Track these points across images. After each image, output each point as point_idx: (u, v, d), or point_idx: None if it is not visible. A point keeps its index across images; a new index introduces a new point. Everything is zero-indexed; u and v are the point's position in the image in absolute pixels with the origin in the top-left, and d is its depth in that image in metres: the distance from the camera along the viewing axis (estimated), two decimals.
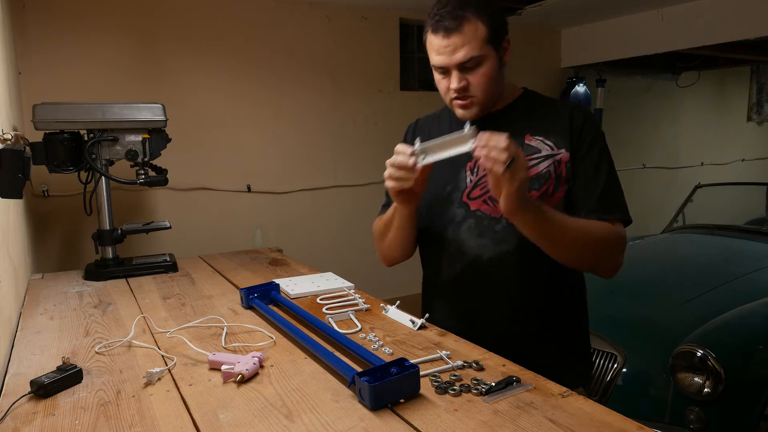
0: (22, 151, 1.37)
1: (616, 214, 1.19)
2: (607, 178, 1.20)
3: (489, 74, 1.19)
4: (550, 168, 1.19)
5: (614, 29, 4.19)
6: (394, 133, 3.76)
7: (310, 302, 1.51)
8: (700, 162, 5.91)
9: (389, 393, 0.91)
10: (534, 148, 1.21)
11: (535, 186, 1.19)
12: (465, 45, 1.15)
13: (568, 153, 1.20)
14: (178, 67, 3.07)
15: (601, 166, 1.20)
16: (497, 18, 1.19)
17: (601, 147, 1.21)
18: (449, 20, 1.15)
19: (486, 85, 1.20)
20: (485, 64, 1.18)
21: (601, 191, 1.18)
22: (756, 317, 2.25)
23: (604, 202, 1.18)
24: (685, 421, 2.01)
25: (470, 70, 1.18)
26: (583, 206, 1.19)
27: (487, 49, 1.17)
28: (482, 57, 1.17)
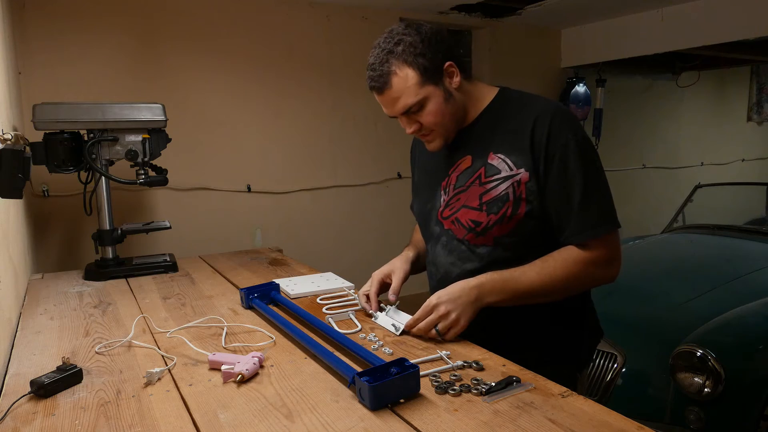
0: (22, 151, 1.37)
1: (597, 230, 1.15)
2: (582, 192, 1.14)
3: (435, 110, 1.19)
4: (508, 190, 1.17)
5: (614, 29, 4.19)
6: (394, 133, 3.77)
7: (310, 302, 1.51)
8: (700, 162, 5.90)
9: (389, 393, 0.91)
10: (495, 168, 1.20)
11: (494, 210, 1.18)
12: (400, 97, 1.18)
13: (528, 173, 1.16)
14: (178, 67, 3.07)
15: (572, 181, 1.14)
16: (429, 53, 1.16)
17: (573, 156, 1.14)
18: (376, 81, 1.19)
19: (437, 120, 1.21)
20: (428, 105, 1.19)
21: (577, 210, 1.14)
22: (756, 317, 2.25)
23: (581, 223, 1.14)
24: (685, 421, 2.01)
25: (416, 113, 1.20)
26: (561, 231, 1.18)
27: (425, 90, 1.17)
28: (422, 100, 1.18)
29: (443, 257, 1.30)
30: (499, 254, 1.21)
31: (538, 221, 1.18)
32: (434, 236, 1.33)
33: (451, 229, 1.27)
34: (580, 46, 4.48)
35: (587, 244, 1.15)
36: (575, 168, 1.14)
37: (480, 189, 1.21)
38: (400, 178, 3.86)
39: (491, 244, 1.21)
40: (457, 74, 1.20)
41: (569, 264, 1.16)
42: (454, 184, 1.27)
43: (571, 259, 1.16)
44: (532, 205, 1.17)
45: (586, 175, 1.15)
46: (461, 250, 1.26)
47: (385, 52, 1.17)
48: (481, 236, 1.21)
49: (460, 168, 1.27)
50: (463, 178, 1.25)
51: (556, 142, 1.15)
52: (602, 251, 1.16)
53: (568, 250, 1.17)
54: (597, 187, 1.16)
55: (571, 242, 1.16)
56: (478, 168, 1.23)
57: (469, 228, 1.22)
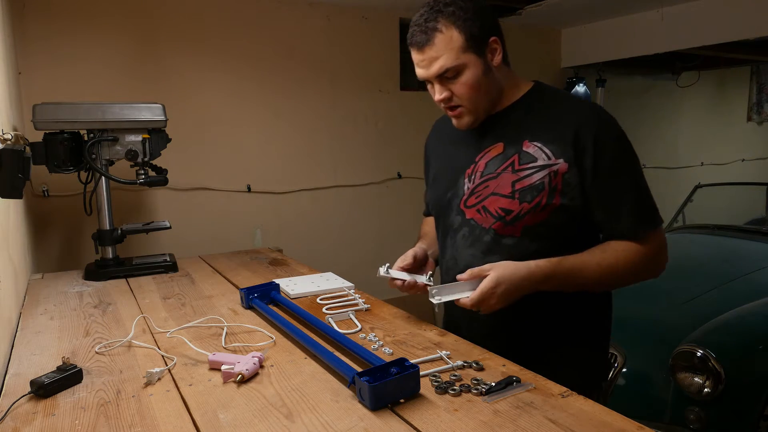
0: (22, 151, 1.37)
1: (651, 224, 1.16)
2: (635, 188, 1.15)
3: (471, 82, 1.15)
4: (544, 179, 1.14)
5: (614, 29, 4.19)
6: (394, 133, 3.77)
7: (310, 302, 1.51)
8: (700, 162, 5.90)
9: (389, 393, 0.91)
10: (530, 156, 1.16)
11: (527, 198, 1.15)
12: (439, 57, 1.13)
13: (567, 164, 1.13)
14: (178, 67, 3.07)
15: (621, 176, 1.15)
16: (478, 21, 1.13)
17: (621, 152, 1.15)
18: (420, 34, 1.14)
19: (470, 93, 1.16)
20: (465, 73, 1.14)
21: (632, 205, 1.15)
22: (756, 317, 2.25)
23: (633, 223, 1.15)
24: (685, 421, 2.01)
25: (451, 80, 1.16)
26: (609, 230, 1.17)
27: (466, 56, 1.13)
28: (460, 66, 1.14)
29: (464, 249, 1.24)
30: (526, 246, 1.17)
31: (569, 215, 1.15)
32: (453, 228, 1.27)
33: (475, 219, 1.22)
34: (580, 46, 4.48)
35: (644, 238, 1.15)
36: (627, 164, 1.15)
37: (513, 176, 1.16)
38: (400, 178, 3.85)
39: (518, 235, 1.17)
40: (499, 51, 1.17)
41: (630, 254, 1.15)
42: (482, 171, 1.21)
43: (633, 251, 1.15)
44: (567, 198, 1.14)
45: (636, 173, 1.17)
46: (485, 241, 1.20)
47: (434, 10, 1.13)
48: (510, 226, 1.17)
49: (489, 154, 1.22)
50: (492, 164, 1.20)
51: (608, 138, 1.14)
52: (655, 244, 1.16)
53: (624, 243, 1.15)
54: (644, 185, 1.17)
55: (626, 237, 1.15)
56: (511, 155, 1.18)
57: (498, 216, 1.18)
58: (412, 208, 3.82)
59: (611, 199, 1.14)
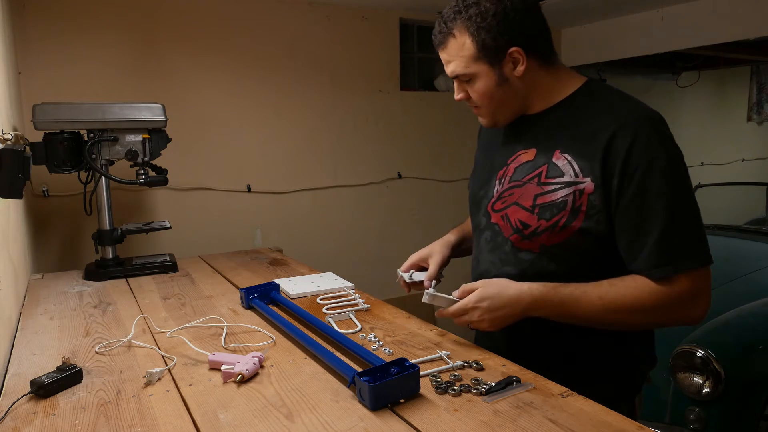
0: (22, 151, 1.37)
1: (680, 264, 0.99)
2: (667, 217, 0.98)
3: (483, 91, 1.10)
4: (568, 198, 1.04)
5: (614, 29, 4.19)
6: (394, 133, 3.77)
7: (310, 302, 1.51)
8: (700, 162, 5.90)
9: (389, 393, 0.91)
10: (558, 170, 1.06)
11: (546, 215, 1.06)
12: (451, 61, 1.11)
13: (593, 183, 1.02)
14: (178, 67, 3.06)
15: (651, 203, 0.99)
16: (495, 29, 1.04)
17: (657, 175, 0.98)
18: (438, 33, 1.12)
19: (482, 100, 1.12)
20: (478, 80, 1.09)
21: (657, 238, 0.98)
22: (756, 317, 2.25)
23: (661, 254, 0.99)
24: (685, 421, 2.01)
25: (466, 83, 1.13)
26: (633, 260, 1.02)
27: (477, 66, 1.08)
28: (471, 74, 1.09)
29: (485, 253, 1.21)
30: (544, 265, 1.09)
31: (592, 240, 1.05)
32: (479, 227, 1.23)
33: (498, 224, 1.16)
34: (580, 46, 4.48)
35: (667, 278, 1.00)
36: (662, 187, 0.98)
37: (537, 189, 1.09)
38: (400, 178, 3.85)
39: (537, 251, 1.10)
40: (523, 62, 1.07)
41: (642, 294, 1.00)
42: (511, 177, 1.15)
43: (647, 289, 1.00)
44: (591, 222, 1.03)
45: (675, 198, 0.99)
46: (504, 251, 1.15)
47: (456, 9, 1.08)
48: (527, 240, 1.10)
49: (520, 159, 1.15)
50: (521, 171, 1.13)
51: (642, 154, 0.99)
52: (685, 287, 1.00)
53: (639, 279, 1.02)
54: (686, 213, 1.00)
55: (648, 276, 1.01)
56: (540, 165, 1.10)
57: (516, 229, 1.11)
58: (412, 208, 3.82)
59: (634, 230, 1.01)
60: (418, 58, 3.92)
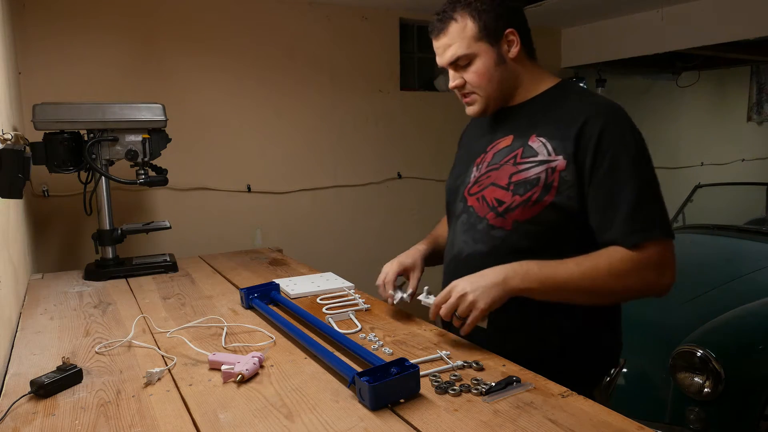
0: (22, 151, 1.37)
1: (645, 236, 1.07)
2: (637, 193, 1.07)
3: (482, 71, 1.19)
4: (540, 175, 1.13)
5: (614, 29, 4.19)
6: (394, 133, 3.77)
7: (310, 302, 1.51)
8: (700, 162, 5.90)
9: (389, 393, 0.91)
10: (533, 150, 1.16)
11: (520, 191, 1.14)
12: (452, 45, 1.19)
13: (565, 161, 1.11)
14: (178, 67, 3.07)
15: (621, 181, 1.08)
16: (494, 12, 1.17)
17: (626, 156, 1.09)
18: (437, 22, 1.21)
19: (480, 81, 1.20)
20: (477, 62, 1.18)
21: (629, 210, 1.07)
22: (756, 317, 2.25)
23: (632, 224, 1.07)
24: (685, 421, 2.01)
25: (464, 68, 1.20)
26: (605, 231, 1.10)
27: (478, 45, 1.17)
28: (472, 55, 1.18)
29: (460, 235, 1.27)
30: (515, 241, 1.16)
31: (563, 216, 1.13)
32: (455, 214, 1.30)
33: (474, 207, 1.24)
34: (580, 46, 4.48)
35: (638, 245, 1.07)
36: (631, 166, 1.08)
37: (512, 168, 1.17)
38: (400, 178, 3.85)
39: (509, 228, 1.16)
40: (517, 44, 1.19)
41: (615, 260, 1.07)
42: (489, 162, 1.24)
43: (618, 255, 1.07)
44: (562, 197, 1.12)
45: (643, 179, 1.09)
46: (477, 230, 1.22)
47: (454, 1, 1.19)
48: (501, 217, 1.17)
49: (498, 146, 1.24)
50: (499, 156, 1.22)
51: (614, 137, 1.10)
52: (654, 254, 1.07)
53: (614, 248, 1.09)
54: (652, 192, 1.10)
55: (617, 243, 1.08)
56: (516, 148, 1.19)
57: (492, 207, 1.19)
58: (412, 208, 3.83)
59: (607, 202, 1.09)
60: (418, 58, 3.92)
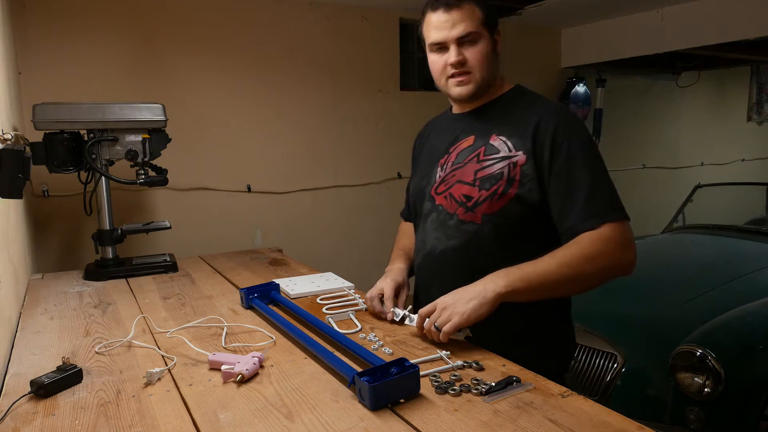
0: (22, 151, 1.37)
1: (604, 218, 1.14)
2: (592, 181, 1.16)
3: (485, 52, 1.25)
4: (503, 170, 1.21)
5: (614, 29, 4.19)
6: (394, 133, 3.77)
7: (310, 302, 1.51)
8: (700, 162, 5.90)
9: (389, 393, 0.91)
10: (494, 148, 1.25)
11: (486, 186, 1.22)
12: (464, 20, 1.23)
13: (525, 156, 1.20)
14: (178, 67, 3.07)
15: (577, 171, 1.17)
16: (491, 9, 1.27)
17: (579, 149, 1.18)
18: None
19: (482, 62, 1.25)
20: (481, 42, 1.25)
21: (586, 197, 1.15)
22: (756, 317, 2.24)
23: (587, 210, 1.15)
24: (685, 421, 2.01)
25: (467, 45, 1.25)
26: (564, 220, 1.18)
27: (483, 29, 1.25)
28: (479, 34, 1.24)
29: (431, 233, 1.32)
30: (485, 234, 1.23)
31: (528, 208, 1.20)
32: (424, 213, 1.35)
33: (443, 205, 1.29)
34: (580, 46, 4.48)
35: (599, 228, 1.14)
36: (584, 159, 1.18)
37: (477, 165, 1.25)
38: (400, 178, 3.85)
39: (479, 222, 1.23)
40: (500, 44, 1.29)
41: (585, 244, 1.13)
42: (453, 161, 1.30)
43: (586, 240, 1.14)
44: (524, 189, 1.20)
45: (595, 168, 1.18)
46: (448, 226, 1.28)
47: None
48: (470, 212, 1.24)
49: (461, 146, 1.31)
50: (462, 155, 1.29)
51: (566, 132, 1.20)
52: (617, 233, 1.14)
53: (580, 236, 1.15)
54: (605, 181, 1.19)
55: (580, 229, 1.15)
56: (479, 147, 1.27)
57: (461, 202, 1.25)
58: None
59: (566, 191, 1.17)
60: (418, 58, 3.92)
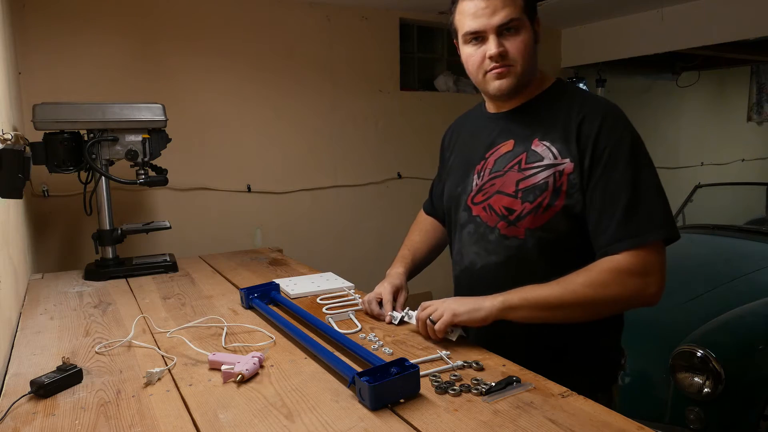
0: (22, 151, 1.37)
1: (641, 238, 1.03)
2: (628, 195, 1.05)
3: (527, 42, 1.13)
4: (548, 179, 1.11)
5: (614, 29, 4.19)
6: (394, 133, 3.77)
7: (310, 302, 1.51)
8: (700, 162, 5.90)
9: (389, 393, 0.91)
10: (537, 155, 1.14)
11: (530, 198, 1.12)
12: (505, 7, 1.11)
13: (572, 164, 1.09)
14: (178, 67, 3.07)
15: (615, 182, 1.06)
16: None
17: (627, 153, 1.07)
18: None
19: (524, 53, 1.13)
20: (523, 31, 1.13)
21: (618, 217, 1.04)
22: (756, 317, 2.25)
23: (620, 230, 1.04)
24: (685, 421, 2.01)
25: (508, 35, 1.13)
26: (596, 238, 1.08)
27: (524, 18, 1.13)
28: (521, 22, 1.12)
29: (469, 246, 1.24)
30: (529, 250, 1.13)
31: (574, 220, 1.11)
32: (459, 223, 1.26)
33: (481, 216, 1.20)
34: (580, 46, 4.48)
35: (623, 253, 1.04)
36: (627, 166, 1.06)
37: (518, 175, 1.14)
38: (400, 178, 3.85)
39: (522, 237, 1.14)
40: (540, 34, 1.18)
41: (594, 272, 1.05)
42: (491, 168, 1.20)
43: (598, 267, 1.05)
44: (572, 200, 1.09)
45: (638, 180, 1.06)
46: (489, 240, 1.19)
47: None
48: (513, 226, 1.14)
49: (499, 152, 1.20)
50: (501, 162, 1.19)
51: (610, 135, 1.08)
52: (638, 261, 1.03)
53: (599, 261, 1.06)
54: (649, 195, 1.06)
55: (607, 252, 1.05)
56: (520, 153, 1.16)
57: (502, 215, 1.16)
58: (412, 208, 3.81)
59: (602, 206, 1.07)
60: (418, 58, 3.92)
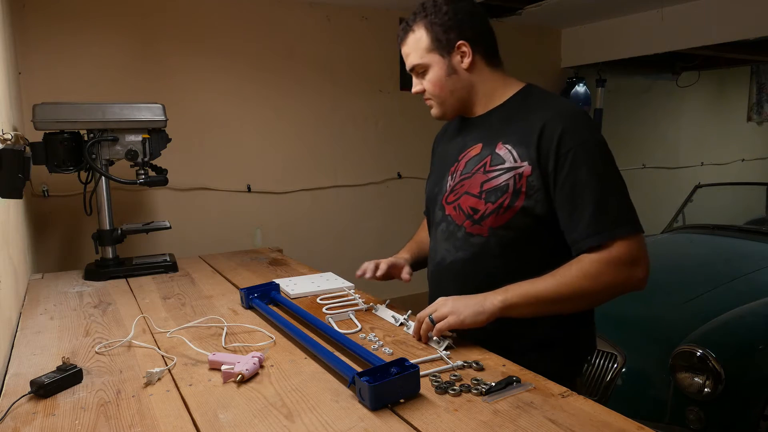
0: (22, 151, 1.37)
1: (611, 234, 1.09)
2: (600, 192, 1.10)
3: (435, 81, 1.25)
4: (509, 181, 1.17)
5: (614, 29, 4.19)
6: (393, 133, 3.77)
7: (310, 302, 1.51)
8: (700, 162, 5.90)
9: (389, 393, 0.91)
10: (500, 158, 1.20)
11: (492, 198, 1.18)
12: (410, 53, 1.27)
13: (530, 167, 1.15)
14: (178, 67, 3.07)
15: (583, 181, 1.10)
16: (446, 24, 1.22)
17: (586, 156, 1.11)
18: (401, 32, 1.30)
19: (435, 90, 1.26)
20: (430, 72, 1.25)
21: (593, 210, 1.09)
22: (756, 317, 2.24)
23: (598, 224, 1.09)
24: (685, 421, 2.01)
25: (421, 75, 1.28)
26: (572, 233, 1.13)
27: (431, 57, 1.24)
28: (426, 65, 1.25)
29: (441, 243, 1.31)
30: (492, 247, 1.20)
31: (535, 220, 1.16)
32: (436, 221, 1.34)
33: (452, 215, 1.27)
34: (580, 46, 4.48)
35: (605, 245, 1.09)
36: (593, 167, 1.11)
37: (483, 177, 1.21)
38: (400, 178, 3.86)
39: (486, 235, 1.21)
40: (468, 55, 1.23)
41: (586, 264, 1.10)
42: (462, 171, 1.27)
43: (588, 259, 1.10)
44: (531, 201, 1.15)
45: (606, 176, 1.12)
46: (457, 237, 1.26)
47: (417, 11, 1.27)
48: (477, 225, 1.21)
49: (469, 155, 1.28)
50: (470, 164, 1.26)
51: (573, 138, 1.12)
52: (623, 251, 1.09)
53: (584, 255, 1.11)
54: (616, 190, 1.12)
55: (586, 245, 1.10)
56: (485, 156, 1.23)
57: (468, 215, 1.23)
58: (412, 208, 3.83)
59: (572, 205, 1.12)
60: None
